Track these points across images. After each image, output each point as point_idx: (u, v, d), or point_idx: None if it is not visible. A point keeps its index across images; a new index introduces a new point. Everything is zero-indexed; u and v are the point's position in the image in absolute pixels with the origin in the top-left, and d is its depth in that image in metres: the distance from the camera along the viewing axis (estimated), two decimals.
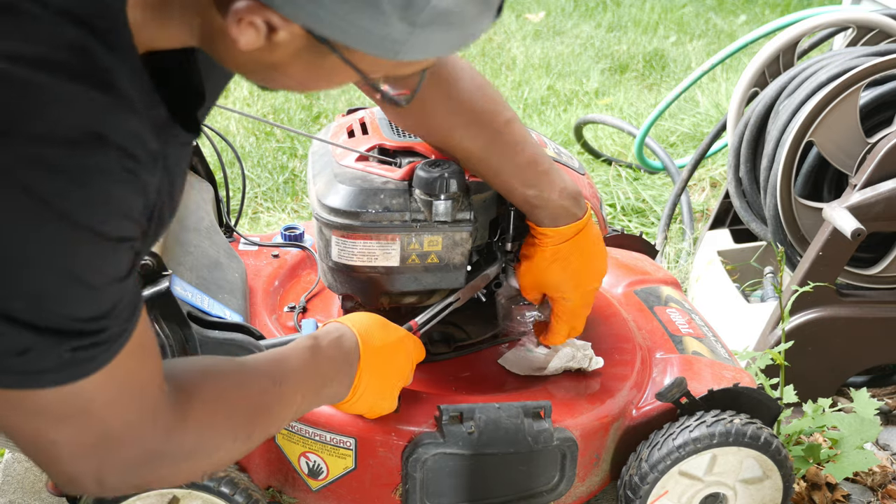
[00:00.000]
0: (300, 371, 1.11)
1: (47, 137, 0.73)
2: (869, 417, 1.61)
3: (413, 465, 1.31)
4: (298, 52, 0.81)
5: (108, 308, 0.81)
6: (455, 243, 1.35)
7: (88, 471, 0.88)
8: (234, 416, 0.99)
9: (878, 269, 1.93)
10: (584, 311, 1.41)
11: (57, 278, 0.76)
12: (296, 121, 3.48)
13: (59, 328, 0.78)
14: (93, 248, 0.78)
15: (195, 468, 0.97)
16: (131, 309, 0.85)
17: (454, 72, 1.28)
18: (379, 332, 1.24)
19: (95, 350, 0.81)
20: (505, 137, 1.28)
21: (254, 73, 0.87)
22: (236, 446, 1.00)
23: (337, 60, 0.81)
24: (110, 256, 0.80)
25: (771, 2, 5.47)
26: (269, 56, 0.82)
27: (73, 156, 0.74)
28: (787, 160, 1.90)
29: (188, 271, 1.33)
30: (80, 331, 0.79)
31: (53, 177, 0.73)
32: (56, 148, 0.73)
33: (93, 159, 0.75)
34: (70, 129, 0.74)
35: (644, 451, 1.39)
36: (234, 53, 0.83)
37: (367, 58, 0.80)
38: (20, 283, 0.75)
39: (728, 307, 2.14)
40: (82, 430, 0.85)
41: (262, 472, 1.41)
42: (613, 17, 5.08)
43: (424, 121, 1.31)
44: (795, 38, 2.14)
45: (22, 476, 1.54)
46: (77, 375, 0.81)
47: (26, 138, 0.72)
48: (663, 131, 3.45)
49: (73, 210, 0.75)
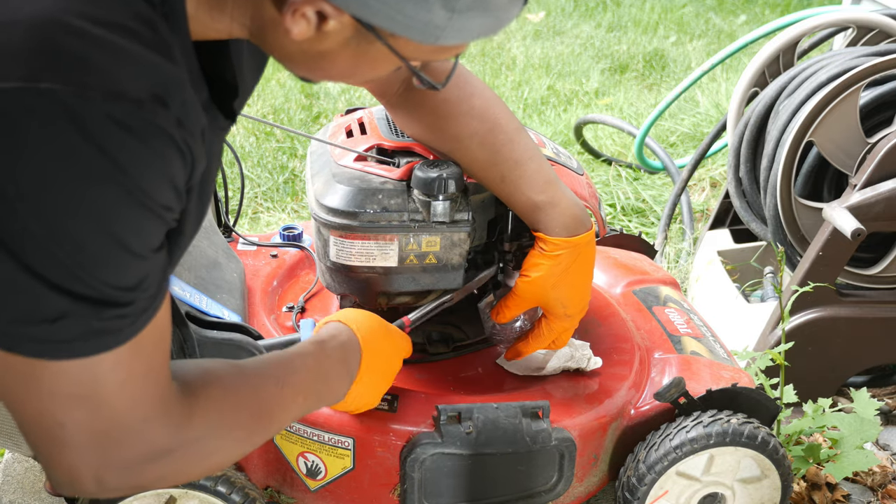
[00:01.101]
0: (304, 374, 1.11)
1: (120, 95, 0.76)
2: (869, 417, 1.61)
3: (411, 465, 1.31)
4: (346, 41, 0.86)
5: (140, 279, 0.83)
6: (453, 244, 1.35)
7: (90, 464, 0.87)
8: (238, 416, 0.99)
9: (878, 269, 1.93)
10: (574, 326, 1.40)
11: (102, 238, 0.78)
12: (296, 121, 3.48)
13: (96, 295, 0.79)
14: (139, 213, 0.80)
15: (196, 468, 0.97)
16: (158, 285, 0.86)
17: (468, 80, 1.31)
18: (379, 334, 1.24)
19: (122, 322, 0.83)
20: (515, 145, 1.29)
21: (300, 63, 0.91)
22: (237, 447, 1.00)
23: (381, 48, 0.86)
24: (152, 224, 0.83)
25: (771, 2, 5.47)
26: (318, 45, 0.86)
27: (139, 114, 0.77)
28: (787, 160, 1.90)
29: (186, 271, 1.33)
30: (114, 300, 0.81)
31: (121, 133, 0.76)
32: (126, 105, 0.77)
33: (156, 121, 0.79)
34: (139, 90, 0.77)
35: (641, 451, 1.39)
36: (285, 43, 0.88)
37: (410, 44, 0.86)
38: (65, 241, 0.77)
39: (728, 307, 2.14)
40: (92, 415, 0.85)
41: (261, 472, 1.41)
42: (613, 17, 5.08)
43: (435, 126, 1.32)
44: (795, 38, 2.14)
45: (22, 476, 1.54)
46: (101, 347, 0.82)
47: (102, 93, 0.75)
48: (663, 131, 3.45)
49: (132, 169, 0.78)
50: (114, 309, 0.81)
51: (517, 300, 1.35)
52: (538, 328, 1.39)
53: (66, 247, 0.77)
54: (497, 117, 1.30)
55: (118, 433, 0.87)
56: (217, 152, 0.99)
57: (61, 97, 0.74)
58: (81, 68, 0.75)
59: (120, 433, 0.87)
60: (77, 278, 0.78)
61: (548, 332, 1.38)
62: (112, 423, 0.86)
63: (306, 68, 0.92)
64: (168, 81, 0.80)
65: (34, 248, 0.76)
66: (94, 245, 0.78)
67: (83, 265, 0.78)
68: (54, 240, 0.76)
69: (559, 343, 1.41)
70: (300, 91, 3.74)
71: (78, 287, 0.78)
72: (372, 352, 1.21)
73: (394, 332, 1.28)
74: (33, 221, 0.76)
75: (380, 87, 1.33)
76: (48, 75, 0.74)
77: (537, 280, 1.32)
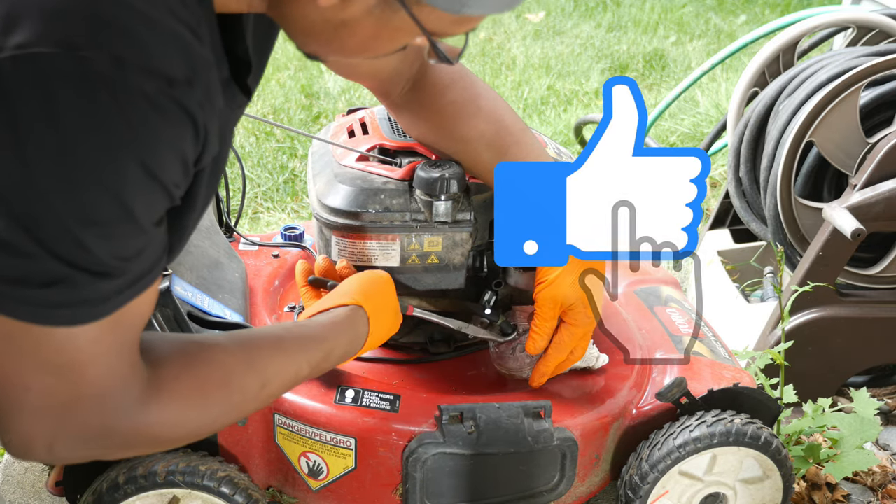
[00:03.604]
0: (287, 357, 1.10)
1: (154, 71, 0.77)
2: (869, 417, 1.61)
3: (413, 465, 1.31)
4: (370, 10, 0.86)
5: (138, 250, 0.84)
6: (455, 244, 1.35)
7: (45, 432, 0.88)
8: (205, 393, 0.99)
9: (878, 269, 1.93)
10: (591, 331, 1.36)
11: (113, 207, 0.79)
12: (296, 121, 3.48)
13: (94, 265, 0.80)
14: (151, 186, 0.81)
15: (158, 441, 0.97)
16: (153, 262, 0.87)
17: (473, 81, 1.31)
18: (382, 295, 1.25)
19: (110, 293, 0.83)
20: (522, 146, 1.30)
21: (319, 33, 0.90)
22: (206, 422, 1.00)
23: (404, 17, 0.86)
24: (159, 198, 0.84)
25: (771, 2, 5.47)
26: (341, 13, 0.86)
27: (168, 92, 0.78)
28: (787, 160, 1.90)
29: (188, 271, 1.33)
30: (110, 271, 0.82)
31: (148, 108, 0.78)
32: (158, 82, 0.78)
33: (182, 100, 0.80)
34: (172, 68, 0.79)
35: (644, 450, 1.39)
36: (308, 11, 0.87)
37: (434, 14, 0.86)
38: (76, 207, 0.77)
39: (728, 307, 2.14)
40: (60, 384, 0.86)
41: (263, 472, 1.41)
42: (613, 17, 5.08)
43: (442, 127, 1.32)
44: (795, 38, 2.14)
45: (22, 476, 1.54)
46: (87, 318, 0.83)
47: (137, 68, 0.76)
48: (663, 131, 3.45)
49: (152, 143, 0.79)
50: (108, 280, 0.82)
51: (542, 314, 1.33)
52: (558, 338, 1.35)
53: (76, 213, 0.78)
54: (503, 118, 1.31)
55: (80, 405, 0.88)
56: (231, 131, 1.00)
57: (98, 68, 0.75)
58: (120, 40, 0.76)
59: (82, 405, 0.88)
60: (80, 245, 0.79)
61: (568, 340, 1.34)
62: (76, 394, 0.87)
63: (324, 40, 0.91)
64: (197, 62, 0.81)
65: (42, 211, 0.77)
66: (104, 213, 0.79)
67: (89, 232, 0.79)
68: (66, 205, 0.77)
69: (577, 354, 1.37)
70: (300, 91, 3.74)
71: (79, 254, 0.79)
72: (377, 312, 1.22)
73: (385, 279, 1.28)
74: (48, 185, 0.76)
75: (383, 86, 1.33)
76: (87, 43, 0.75)
77: (555, 282, 1.30)
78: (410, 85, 1.31)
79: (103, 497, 1.23)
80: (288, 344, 1.11)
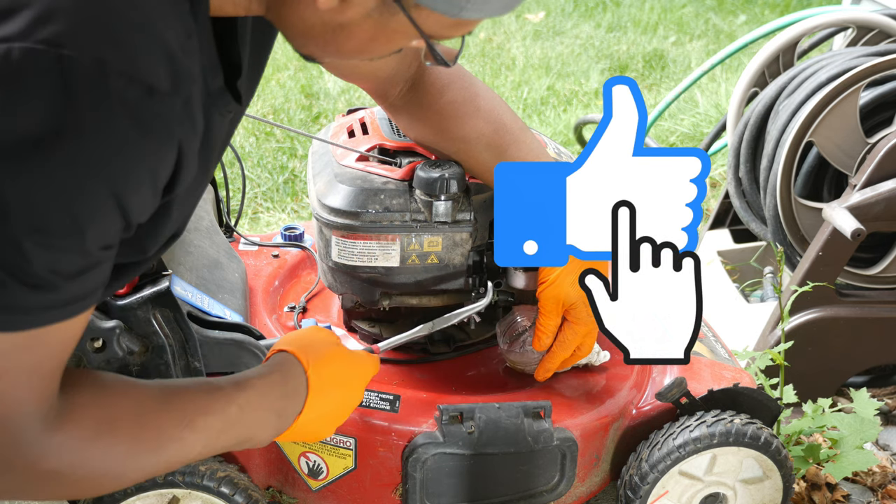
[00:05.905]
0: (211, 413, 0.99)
1: (135, 79, 0.76)
2: (869, 417, 1.61)
3: (413, 465, 1.31)
4: (369, 13, 0.85)
5: (78, 270, 0.80)
6: (455, 244, 1.35)
7: None
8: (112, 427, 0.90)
9: (878, 269, 1.93)
10: (596, 329, 1.34)
11: (64, 219, 0.76)
12: (296, 121, 3.48)
13: (29, 276, 0.76)
14: (107, 204, 0.79)
15: (49, 484, 0.88)
16: (91, 288, 0.82)
17: (472, 81, 1.31)
18: (331, 360, 1.13)
19: (37, 308, 0.79)
20: (521, 145, 1.30)
21: (317, 36, 0.90)
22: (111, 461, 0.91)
23: (402, 20, 0.86)
24: (112, 221, 0.80)
25: (771, 2, 5.47)
26: (339, 16, 0.86)
27: (147, 102, 0.77)
28: (786, 160, 1.90)
29: (188, 271, 1.33)
30: (43, 284, 0.78)
31: (124, 118, 0.76)
32: (138, 90, 0.76)
33: (161, 112, 0.78)
34: (155, 77, 0.77)
35: (644, 450, 1.39)
36: (307, 14, 0.87)
37: (431, 17, 0.85)
38: (25, 213, 0.74)
39: (728, 307, 2.14)
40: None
41: (262, 472, 1.41)
42: (613, 18, 5.08)
43: (441, 128, 1.32)
44: (795, 38, 2.14)
45: None
46: (5, 326, 0.78)
47: (119, 73, 0.75)
48: (663, 131, 3.46)
49: (120, 159, 0.77)
50: (36, 292, 0.78)
51: (546, 312, 1.33)
52: (562, 336, 1.35)
53: (22, 213, 0.74)
54: (502, 118, 1.31)
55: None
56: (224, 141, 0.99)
57: (77, 68, 0.73)
58: (105, 44, 0.75)
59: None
60: (16, 247, 0.75)
61: (572, 337, 1.34)
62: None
63: (322, 42, 0.90)
64: (181, 75, 0.80)
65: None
66: (51, 221, 0.76)
67: (30, 237, 0.75)
68: (13, 202, 0.74)
69: (584, 350, 1.37)
70: (300, 91, 3.74)
71: (11, 256, 0.75)
72: (322, 381, 1.11)
73: (352, 355, 1.17)
74: (4, 185, 0.73)
75: (381, 88, 1.32)
76: (70, 42, 0.73)
77: (557, 280, 1.30)
78: (408, 86, 1.31)
79: (103, 497, 1.23)
80: (213, 384, 1.03)
